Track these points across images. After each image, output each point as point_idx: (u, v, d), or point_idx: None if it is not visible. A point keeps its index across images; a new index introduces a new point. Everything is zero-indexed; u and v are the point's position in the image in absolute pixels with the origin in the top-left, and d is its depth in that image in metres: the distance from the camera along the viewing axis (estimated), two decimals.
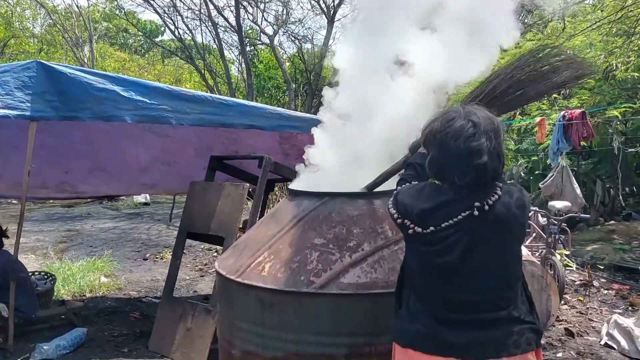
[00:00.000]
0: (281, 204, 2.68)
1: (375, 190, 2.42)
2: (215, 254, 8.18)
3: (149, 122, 4.08)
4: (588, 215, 5.75)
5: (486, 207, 1.57)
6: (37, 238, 10.06)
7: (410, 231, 1.65)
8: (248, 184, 4.17)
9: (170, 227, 11.14)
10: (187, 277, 6.77)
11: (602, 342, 4.21)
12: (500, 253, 1.62)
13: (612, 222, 8.83)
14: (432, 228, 1.61)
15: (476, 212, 1.58)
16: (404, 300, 1.77)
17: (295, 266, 2.21)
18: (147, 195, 15.27)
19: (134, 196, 15.39)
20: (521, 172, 9.83)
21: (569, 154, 7.79)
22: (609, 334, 4.22)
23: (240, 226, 4.16)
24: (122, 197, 15.86)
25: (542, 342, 3.82)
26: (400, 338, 1.73)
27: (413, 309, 1.71)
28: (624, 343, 4.06)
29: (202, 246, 8.55)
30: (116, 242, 9.34)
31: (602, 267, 6.43)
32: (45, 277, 5.37)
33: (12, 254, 4.44)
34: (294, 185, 2.71)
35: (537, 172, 9.42)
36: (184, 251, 8.29)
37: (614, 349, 4.09)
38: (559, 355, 3.87)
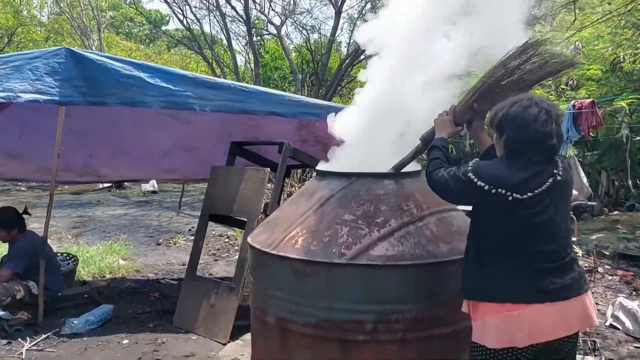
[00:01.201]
0: (309, 184, 2.84)
1: (402, 171, 2.58)
2: (227, 240, 8.36)
3: (173, 108, 4.22)
4: (594, 203, 5.90)
5: (560, 176, 1.93)
6: (50, 223, 10.26)
7: (510, 198, 1.87)
8: (269, 169, 4.33)
9: (180, 215, 11.34)
10: (202, 261, 6.92)
11: (608, 324, 4.38)
12: (566, 210, 2.01)
13: (616, 212, 9.00)
14: (529, 194, 1.88)
15: (558, 178, 1.93)
16: (495, 261, 1.95)
17: (327, 240, 2.38)
18: (155, 183, 15.48)
19: (142, 184, 15.60)
20: None
21: (576, 144, 7.93)
22: (614, 316, 4.39)
23: (261, 210, 4.31)
24: (130, 186, 16.09)
25: None
26: (496, 295, 1.93)
27: (509, 267, 1.92)
28: (628, 324, 4.23)
29: (214, 232, 8.73)
30: (129, 228, 9.52)
31: (607, 254, 6.60)
32: (68, 258, 5.56)
33: (38, 235, 4.63)
34: (322, 166, 2.87)
35: None
36: None
37: (618, 329, 4.26)
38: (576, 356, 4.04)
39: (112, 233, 8.90)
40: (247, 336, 3.95)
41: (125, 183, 15.77)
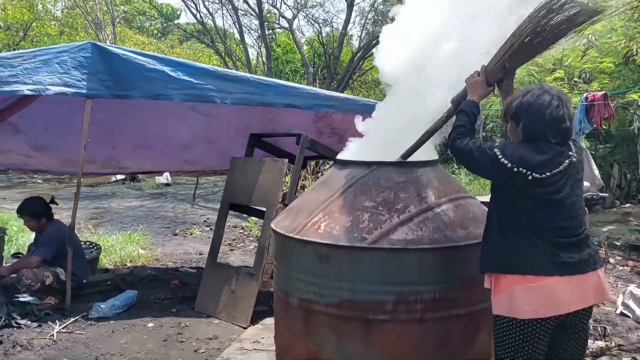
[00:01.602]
0: (330, 172, 2.97)
1: (420, 160, 2.69)
2: (241, 231, 8.52)
3: (195, 101, 4.36)
4: (606, 195, 5.96)
5: (574, 157, 2.08)
6: (68, 215, 10.48)
7: (529, 177, 2.01)
8: (287, 160, 4.46)
9: (195, 206, 11.53)
10: (219, 252, 7.10)
11: (618, 311, 4.48)
12: (580, 189, 2.16)
13: (628, 204, 9.05)
14: (547, 173, 2.03)
15: (573, 159, 2.08)
16: (517, 235, 2.08)
17: (349, 225, 2.51)
18: (169, 175, 15.69)
19: (156, 177, 15.82)
20: None
21: (588, 137, 7.97)
22: (624, 304, 4.49)
23: (280, 199, 4.44)
24: (144, 178, 16.31)
25: None
26: (519, 267, 2.05)
27: (530, 242, 2.05)
28: (638, 312, 4.33)
29: (229, 223, 8.88)
30: (145, 219, 9.71)
31: (617, 244, 6.67)
32: (91, 246, 5.76)
33: (64, 224, 4.81)
34: (342, 155, 2.99)
35: None
36: (211, 227, 8.71)
37: (628, 317, 4.36)
38: (589, 331, 4.14)
39: (129, 224, 9.10)
40: (267, 320, 4.13)
41: (139, 175, 16.03)
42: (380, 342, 2.45)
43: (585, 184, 6.06)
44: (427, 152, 2.82)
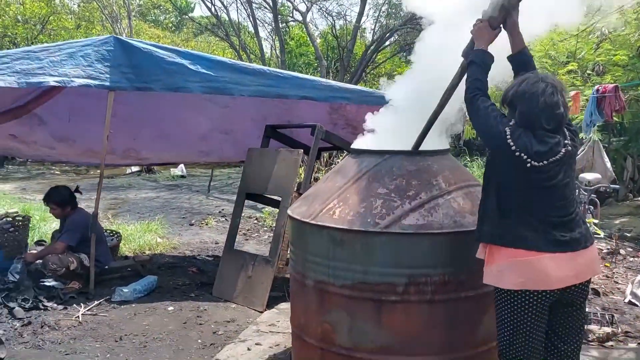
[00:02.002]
0: (344, 161, 3.09)
1: (432, 149, 2.81)
2: (256, 221, 8.68)
3: (213, 93, 4.48)
4: (617, 186, 6.01)
5: (570, 145, 2.20)
6: (87, 205, 10.71)
7: (528, 164, 2.13)
8: (302, 150, 4.58)
9: (210, 198, 11.72)
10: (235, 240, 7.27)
11: (627, 300, 4.56)
12: (572, 171, 2.28)
13: None
14: (544, 162, 2.14)
15: (569, 148, 2.19)
16: (513, 211, 2.20)
17: (362, 210, 2.63)
18: (184, 167, 15.94)
19: (172, 169, 16.08)
20: None
21: (601, 130, 7.98)
22: (632, 293, 4.56)
23: (295, 189, 4.57)
24: (159, 170, 16.59)
25: None
26: (512, 242, 2.18)
27: (524, 220, 2.17)
28: None
29: (243, 214, 9.03)
30: (161, 210, 9.91)
31: (629, 236, 6.71)
32: (111, 234, 5.95)
33: (88, 212, 4.99)
34: (356, 145, 3.11)
35: None
36: (227, 218, 8.88)
37: (636, 305, 4.43)
38: (586, 310, 4.22)
39: (146, 214, 9.30)
40: (282, 305, 4.27)
41: (154, 167, 16.30)
42: (391, 322, 2.57)
43: (596, 175, 6.13)
44: (439, 142, 2.93)
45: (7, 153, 8.48)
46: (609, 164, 7.16)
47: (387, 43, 17.76)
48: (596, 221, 5.89)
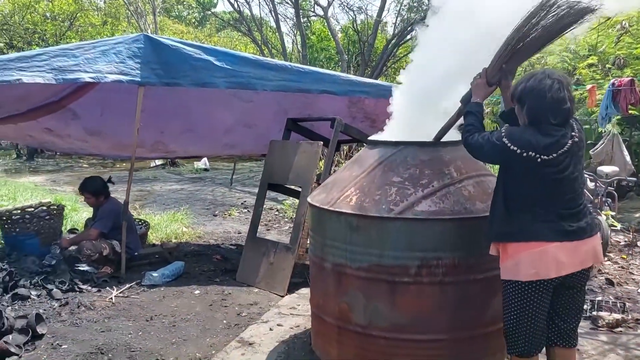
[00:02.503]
0: (362, 152, 3.26)
1: (444, 140, 2.96)
2: (276, 213, 8.90)
3: (237, 88, 4.68)
4: (634, 179, 6.03)
5: (576, 137, 2.32)
6: (116, 196, 11.09)
7: (538, 160, 2.26)
8: (321, 142, 4.76)
9: (232, 190, 11.99)
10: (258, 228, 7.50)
11: None
12: (581, 164, 2.40)
13: None
14: (554, 155, 2.26)
15: (576, 139, 2.31)
16: (522, 209, 2.33)
17: (378, 198, 2.80)
18: (207, 161, 16.27)
19: (195, 162, 16.44)
20: None
21: (621, 123, 7.96)
22: None
23: (315, 179, 4.76)
24: (183, 163, 16.97)
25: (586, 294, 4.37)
26: (523, 236, 2.32)
27: (534, 214, 2.31)
28: None
29: (265, 206, 9.24)
30: (186, 201, 10.21)
31: None
32: (140, 223, 6.23)
33: (120, 201, 5.26)
34: (373, 136, 3.28)
35: (589, 141, 9.59)
36: (249, 209, 9.13)
37: None
38: (599, 298, 4.33)
39: (171, 205, 9.60)
40: (302, 290, 4.48)
41: (178, 160, 16.69)
42: (404, 302, 2.75)
43: (614, 168, 6.16)
44: (451, 134, 3.07)
45: (43, 146, 8.85)
46: (628, 157, 7.17)
47: (409, 37, 17.77)
48: (613, 213, 5.93)
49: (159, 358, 3.27)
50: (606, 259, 5.59)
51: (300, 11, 17.37)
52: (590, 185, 6.22)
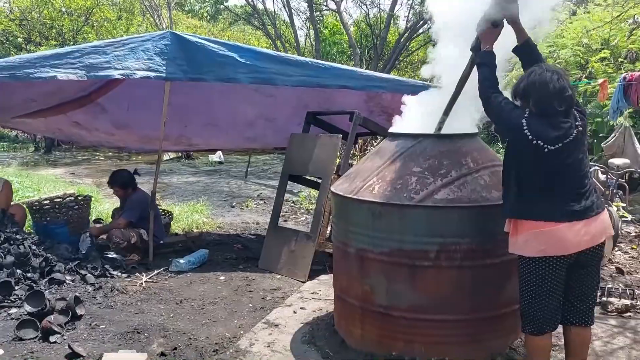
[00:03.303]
0: (382, 144, 3.45)
1: (461, 133, 3.13)
2: (292, 204, 9.11)
3: (259, 83, 4.88)
4: None
5: (580, 126, 2.49)
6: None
7: (546, 150, 2.44)
8: (340, 135, 4.95)
9: (247, 182, 12.22)
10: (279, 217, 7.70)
11: None
12: (585, 147, 2.57)
13: None
14: (560, 145, 2.44)
15: (580, 128, 2.49)
16: (531, 189, 2.50)
17: (399, 187, 2.99)
18: (221, 154, 16.51)
19: (210, 155, 16.69)
20: None
21: (633, 116, 8.04)
22: None
23: (334, 170, 4.94)
24: (197, 156, 17.24)
25: None
26: (533, 215, 2.49)
27: (543, 196, 2.48)
28: None
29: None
30: (203, 193, 10.43)
31: None
32: (164, 213, 6.47)
33: (146, 192, 5.49)
34: (393, 129, 3.45)
35: (601, 134, 9.67)
36: (265, 201, 9.35)
37: None
38: (609, 286, 4.48)
39: (189, 197, 9.83)
40: (323, 277, 4.69)
41: (193, 154, 16.98)
42: (424, 284, 2.94)
43: (625, 160, 6.28)
44: (468, 126, 3.25)
45: (70, 139, 9.15)
46: (639, 150, 7.27)
47: (421, 30, 17.84)
48: (624, 205, 6.06)
49: (191, 337, 3.48)
50: (617, 249, 5.72)
51: (313, 5, 17.50)
52: (602, 177, 6.36)
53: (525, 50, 2.73)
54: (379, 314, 3.06)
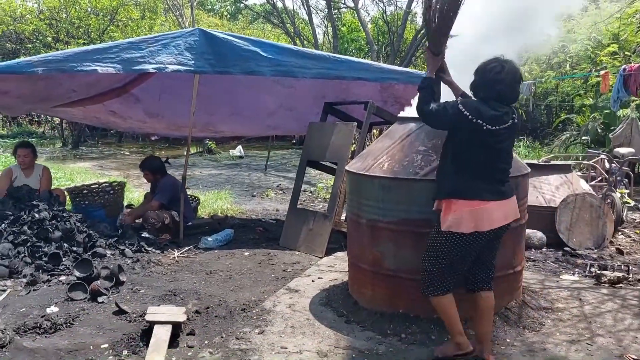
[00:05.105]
0: (392, 127, 3.83)
1: None
2: (310, 194, 9.53)
3: (281, 76, 5.28)
4: None
5: (516, 120, 2.83)
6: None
7: (484, 128, 2.73)
8: (355, 123, 5.34)
9: (267, 175, 12.68)
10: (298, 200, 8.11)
11: None
12: (512, 143, 2.95)
13: None
14: (497, 127, 2.75)
15: (515, 121, 2.82)
16: (467, 171, 2.79)
17: (406, 163, 3.37)
18: (242, 148, 17.03)
19: (230, 150, 17.24)
20: (597, 129, 10.28)
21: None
22: None
23: (349, 156, 5.34)
24: (219, 150, 17.80)
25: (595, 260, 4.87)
26: (468, 195, 2.78)
27: (477, 177, 2.77)
28: None
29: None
30: (225, 184, 10.92)
31: None
32: (192, 198, 6.94)
33: (176, 178, 5.96)
34: (403, 114, 3.83)
35: (612, 127, 9.86)
36: (284, 191, 9.77)
37: None
38: (607, 264, 4.80)
39: (213, 187, 10.33)
40: (338, 254, 5.09)
41: (214, 148, 17.57)
42: None
43: (630, 149, 6.55)
44: None
45: (106, 126, 9.72)
46: None
47: None
48: (627, 191, 6.33)
49: (221, 300, 3.92)
50: (620, 233, 6.01)
51: (332, 3, 17.88)
52: (607, 165, 6.63)
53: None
54: (387, 277, 3.45)
